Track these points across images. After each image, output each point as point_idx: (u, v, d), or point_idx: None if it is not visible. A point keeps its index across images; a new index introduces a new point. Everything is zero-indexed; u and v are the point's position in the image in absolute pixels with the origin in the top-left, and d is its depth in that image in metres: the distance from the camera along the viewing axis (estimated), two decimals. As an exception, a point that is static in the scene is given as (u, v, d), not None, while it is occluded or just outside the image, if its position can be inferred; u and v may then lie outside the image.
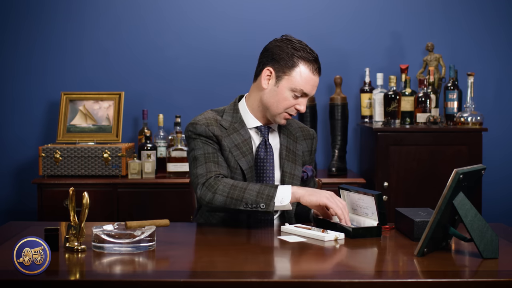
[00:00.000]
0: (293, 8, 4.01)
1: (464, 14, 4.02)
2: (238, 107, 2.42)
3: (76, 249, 1.91)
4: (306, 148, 2.50)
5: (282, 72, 2.31)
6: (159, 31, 4.01)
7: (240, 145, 2.35)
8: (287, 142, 2.44)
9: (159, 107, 3.97)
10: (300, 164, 2.44)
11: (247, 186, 2.20)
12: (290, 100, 2.32)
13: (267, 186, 2.20)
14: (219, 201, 2.20)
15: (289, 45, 2.32)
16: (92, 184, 3.56)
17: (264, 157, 2.36)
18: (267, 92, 2.34)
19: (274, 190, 2.18)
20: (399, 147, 3.57)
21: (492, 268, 1.79)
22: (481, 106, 3.89)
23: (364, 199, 2.20)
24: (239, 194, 2.19)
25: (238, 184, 2.21)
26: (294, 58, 2.30)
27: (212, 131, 2.32)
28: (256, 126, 2.40)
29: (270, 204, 2.17)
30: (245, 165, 2.33)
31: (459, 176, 1.81)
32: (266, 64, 2.34)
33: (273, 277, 1.73)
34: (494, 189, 3.96)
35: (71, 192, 1.96)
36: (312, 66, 2.31)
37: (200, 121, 2.34)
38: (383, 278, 1.74)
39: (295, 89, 2.30)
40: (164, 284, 1.67)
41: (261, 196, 2.18)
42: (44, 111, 4.02)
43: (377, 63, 3.99)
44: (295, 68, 2.29)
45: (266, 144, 2.38)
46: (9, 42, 4.00)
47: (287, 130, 2.47)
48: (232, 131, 2.36)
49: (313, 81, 2.32)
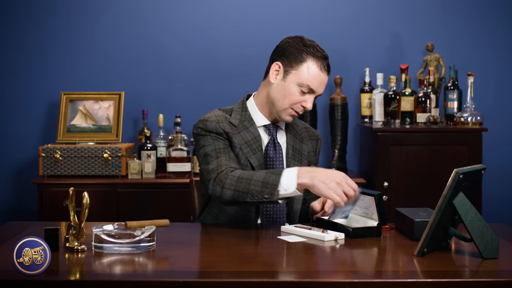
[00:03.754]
0: (293, 8, 4.01)
1: (464, 14, 4.02)
2: (247, 105, 2.42)
3: (76, 249, 1.91)
4: (311, 148, 2.50)
5: (290, 67, 2.31)
6: (159, 31, 4.01)
7: (250, 143, 2.34)
8: (294, 142, 2.44)
9: (159, 107, 3.97)
10: (306, 164, 2.45)
11: (253, 176, 2.13)
12: (297, 95, 2.31)
13: (272, 174, 2.12)
14: (227, 195, 2.15)
15: (300, 42, 2.32)
16: (92, 184, 3.56)
17: (274, 156, 2.36)
18: (274, 86, 2.34)
19: (279, 178, 2.10)
20: (399, 147, 3.57)
21: (492, 268, 1.79)
22: (481, 106, 3.89)
23: (364, 199, 2.20)
24: (245, 187, 2.12)
25: (244, 175, 2.15)
26: (303, 53, 2.29)
27: (223, 128, 2.31)
28: (265, 125, 2.40)
29: (274, 194, 2.09)
30: (256, 162, 2.32)
31: (459, 176, 1.81)
32: (275, 60, 2.35)
33: (273, 277, 1.73)
34: (494, 189, 3.96)
35: (71, 192, 1.95)
36: (321, 63, 2.30)
37: (210, 118, 2.33)
38: (383, 278, 1.74)
39: (301, 84, 2.30)
40: (164, 284, 1.67)
41: (265, 185, 2.10)
42: (44, 111, 4.02)
43: (377, 63, 3.99)
44: (303, 63, 2.29)
45: (275, 142, 2.38)
46: (9, 42, 4.00)
47: (293, 130, 2.47)
48: (242, 128, 2.35)
49: (320, 78, 2.31)
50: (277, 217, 2.37)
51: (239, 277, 1.70)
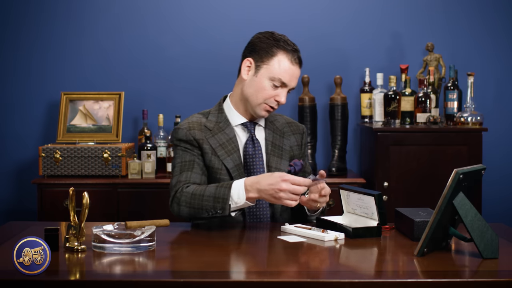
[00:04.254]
0: (293, 8, 4.01)
1: (464, 14, 4.02)
2: (223, 106, 2.45)
3: (76, 249, 1.91)
4: (294, 142, 2.50)
5: (261, 62, 2.34)
6: (159, 31, 4.00)
7: (225, 144, 2.36)
8: (273, 138, 2.45)
9: (159, 107, 3.97)
10: (287, 159, 2.44)
11: (204, 192, 2.20)
12: (269, 90, 2.33)
13: (221, 187, 2.19)
14: (184, 212, 2.23)
15: (270, 37, 2.36)
16: (92, 184, 3.56)
17: (253, 153, 2.37)
18: (247, 83, 2.37)
19: (228, 191, 2.16)
20: (399, 147, 3.57)
21: (492, 268, 1.79)
22: (481, 106, 3.89)
23: (364, 199, 2.20)
24: (199, 203, 2.20)
25: (196, 191, 2.22)
26: (273, 48, 2.33)
27: (193, 135, 2.34)
28: (242, 123, 2.41)
29: (226, 208, 2.16)
30: (231, 164, 2.34)
31: (459, 176, 1.81)
32: (246, 56, 2.39)
33: (273, 277, 1.73)
34: (494, 189, 3.96)
35: (71, 192, 1.96)
36: (291, 56, 2.33)
37: (182, 125, 2.38)
38: (383, 278, 1.74)
39: (273, 78, 2.32)
40: (164, 284, 1.67)
41: (217, 200, 2.17)
42: (44, 111, 4.02)
43: (377, 63, 3.99)
44: (274, 57, 2.32)
45: (254, 139, 2.39)
46: (9, 42, 4.00)
47: (273, 125, 2.48)
48: (217, 131, 2.38)
49: (291, 71, 2.33)
50: (261, 215, 2.38)
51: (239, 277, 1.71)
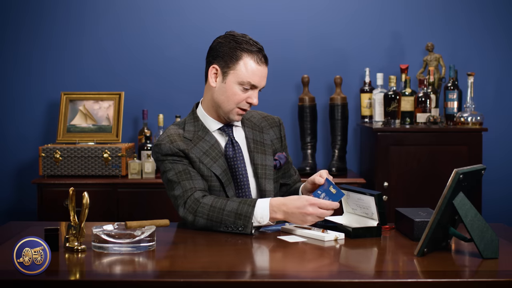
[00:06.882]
0: (293, 9, 4.01)
1: (464, 14, 4.02)
2: (197, 114, 2.42)
3: (76, 249, 1.91)
4: (274, 136, 2.48)
5: (227, 68, 2.30)
6: (159, 31, 4.01)
7: (209, 151, 2.33)
8: (253, 134, 2.43)
9: (159, 107, 3.97)
10: (271, 154, 2.43)
11: (225, 206, 2.18)
12: (240, 94, 2.31)
13: (245, 204, 2.18)
14: (200, 223, 2.21)
15: (231, 40, 2.31)
16: (92, 184, 3.56)
17: (234, 155, 2.35)
18: (216, 90, 2.34)
19: (252, 210, 2.16)
20: (399, 147, 3.57)
21: (492, 268, 1.79)
22: (481, 106, 3.89)
23: (364, 199, 2.20)
24: (218, 216, 2.18)
25: (216, 203, 2.20)
26: (237, 51, 2.29)
27: (177, 147, 2.30)
28: (219, 128, 2.39)
29: (248, 226, 2.15)
30: (219, 170, 2.31)
31: (459, 176, 1.81)
32: (211, 63, 2.35)
33: (273, 277, 1.73)
34: (494, 189, 3.96)
35: (71, 192, 1.96)
36: (257, 56, 2.30)
37: (163, 140, 2.33)
38: (383, 278, 1.74)
39: (242, 82, 2.29)
40: (164, 284, 1.67)
41: (239, 217, 2.16)
42: (44, 111, 4.02)
43: (377, 63, 3.99)
44: (239, 61, 2.29)
45: (233, 142, 2.38)
46: (9, 42, 4.00)
47: (250, 122, 2.46)
48: (197, 140, 2.34)
49: (259, 72, 2.30)
50: None
51: (239, 277, 1.71)
